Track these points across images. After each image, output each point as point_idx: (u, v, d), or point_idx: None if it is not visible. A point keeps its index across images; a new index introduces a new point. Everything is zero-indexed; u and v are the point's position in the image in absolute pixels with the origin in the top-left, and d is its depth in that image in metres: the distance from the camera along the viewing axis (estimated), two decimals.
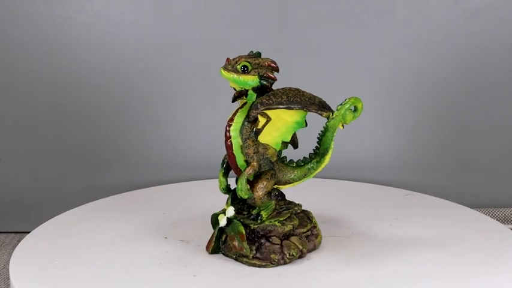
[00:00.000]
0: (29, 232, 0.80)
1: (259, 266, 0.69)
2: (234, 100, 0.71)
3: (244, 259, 0.70)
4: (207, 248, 0.73)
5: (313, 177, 0.74)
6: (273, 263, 0.69)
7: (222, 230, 0.72)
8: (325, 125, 0.71)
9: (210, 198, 0.86)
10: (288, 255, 0.69)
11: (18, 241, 1.04)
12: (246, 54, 0.70)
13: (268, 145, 0.70)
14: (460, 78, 1.06)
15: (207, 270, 0.68)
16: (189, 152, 1.08)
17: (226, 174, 0.73)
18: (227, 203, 0.74)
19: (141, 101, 1.07)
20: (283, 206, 0.74)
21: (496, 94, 1.06)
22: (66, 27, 1.04)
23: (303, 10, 1.04)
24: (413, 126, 1.08)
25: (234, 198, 0.73)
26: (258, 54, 0.70)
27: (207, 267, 0.69)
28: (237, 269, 0.69)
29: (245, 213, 0.72)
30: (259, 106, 0.67)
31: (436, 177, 1.09)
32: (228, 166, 0.72)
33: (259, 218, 0.71)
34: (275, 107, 0.67)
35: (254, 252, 0.69)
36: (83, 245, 0.75)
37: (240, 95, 0.71)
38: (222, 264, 0.70)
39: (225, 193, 0.74)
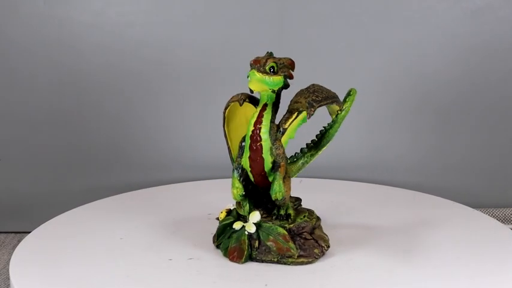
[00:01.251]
0: (29, 232, 0.80)
1: (307, 263, 0.69)
2: (242, 103, 0.71)
3: (290, 259, 0.69)
4: (238, 258, 0.70)
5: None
6: (316, 257, 0.70)
7: (250, 237, 0.70)
8: (334, 117, 0.73)
9: (210, 198, 0.87)
10: (325, 247, 0.71)
11: (18, 241, 1.04)
12: (253, 55, 0.70)
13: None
14: (461, 78, 1.06)
15: (227, 273, 0.68)
16: (189, 152, 1.08)
17: (242, 181, 0.71)
18: (243, 209, 0.72)
19: (141, 101, 1.07)
20: (296, 202, 0.75)
21: (496, 94, 1.06)
22: (66, 27, 1.04)
23: (303, 10, 1.04)
24: (413, 126, 1.08)
25: (258, 203, 0.72)
26: (271, 55, 0.70)
27: (212, 267, 0.69)
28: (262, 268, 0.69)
29: (274, 214, 0.71)
30: (314, 104, 0.67)
31: (437, 177, 1.09)
32: (243, 171, 0.70)
33: (290, 217, 0.71)
34: (325, 103, 0.68)
35: (298, 250, 0.69)
36: (83, 245, 0.75)
37: (250, 98, 0.71)
38: (227, 264, 0.70)
39: (240, 200, 0.72)
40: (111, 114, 1.07)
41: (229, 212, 0.74)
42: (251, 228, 0.70)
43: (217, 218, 0.76)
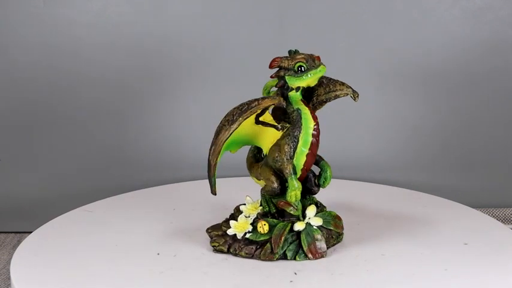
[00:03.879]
0: (29, 232, 0.80)
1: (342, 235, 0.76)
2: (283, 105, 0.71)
3: (340, 237, 0.75)
4: (321, 252, 0.71)
5: None
6: (343, 229, 0.76)
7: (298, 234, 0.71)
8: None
9: (210, 198, 0.86)
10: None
11: (18, 241, 1.04)
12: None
13: None
14: (461, 78, 1.06)
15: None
16: (189, 152, 1.08)
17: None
18: (298, 208, 0.71)
19: (141, 101, 1.07)
20: None
21: (497, 94, 1.06)
22: (66, 27, 1.04)
23: (303, 10, 1.04)
24: (413, 126, 1.08)
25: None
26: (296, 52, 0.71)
27: (220, 269, 0.69)
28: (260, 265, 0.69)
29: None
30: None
31: (437, 176, 1.09)
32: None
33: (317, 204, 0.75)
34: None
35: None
36: (84, 246, 0.75)
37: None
38: (235, 263, 0.70)
39: (298, 200, 0.71)
40: (111, 114, 1.07)
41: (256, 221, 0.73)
42: (319, 221, 0.72)
43: (227, 220, 0.76)
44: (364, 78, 1.06)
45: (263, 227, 0.71)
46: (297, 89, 0.70)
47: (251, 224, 0.72)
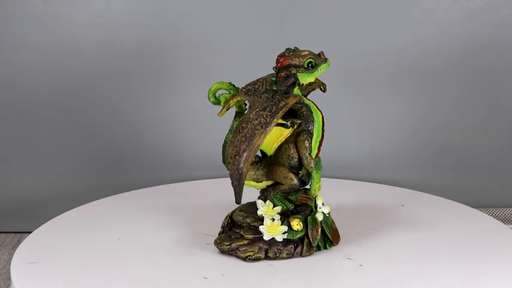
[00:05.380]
0: (29, 232, 0.80)
1: None
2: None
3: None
4: (339, 237, 0.74)
5: None
6: None
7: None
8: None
9: (211, 198, 0.87)
10: None
11: (18, 241, 1.04)
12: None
13: None
14: (461, 77, 1.06)
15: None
16: (189, 152, 1.08)
17: None
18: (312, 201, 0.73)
19: (141, 101, 1.07)
20: None
21: (497, 94, 1.06)
22: (66, 27, 1.04)
23: (303, 10, 1.04)
24: (414, 126, 1.08)
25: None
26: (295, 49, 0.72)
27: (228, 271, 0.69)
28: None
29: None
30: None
31: (437, 176, 1.09)
32: None
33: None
34: None
35: None
36: (84, 245, 0.75)
37: None
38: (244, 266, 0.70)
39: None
40: (111, 113, 1.07)
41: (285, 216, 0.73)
42: (328, 209, 0.74)
43: (231, 229, 0.75)
44: (364, 78, 1.06)
45: (300, 224, 0.71)
46: (300, 85, 0.70)
47: (282, 224, 0.71)
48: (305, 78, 0.70)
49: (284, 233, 0.70)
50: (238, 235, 0.72)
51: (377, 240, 0.76)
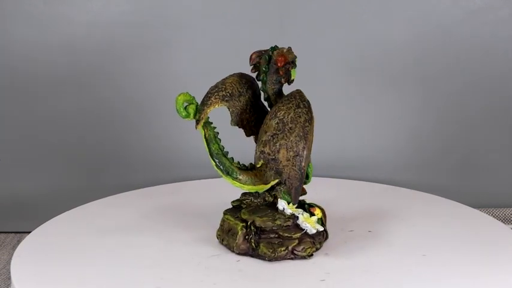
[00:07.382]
0: (29, 232, 0.80)
1: None
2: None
3: None
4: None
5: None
6: None
7: None
8: None
9: (211, 198, 0.87)
10: None
11: (18, 241, 1.04)
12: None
13: None
14: (461, 78, 1.06)
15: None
16: (189, 152, 1.08)
17: None
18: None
19: (141, 101, 1.07)
20: None
21: (497, 94, 1.06)
22: (66, 27, 1.04)
23: (303, 10, 1.04)
24: (414, 126, 1.08)
25: None
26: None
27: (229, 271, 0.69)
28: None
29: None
30: None
31: (437, 176, 1.09)
32: None
33: None
34: None
35: None
36: (83, 245, 0.75)
37: None
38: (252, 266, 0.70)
39: None
40: (111, 113, 1.07)
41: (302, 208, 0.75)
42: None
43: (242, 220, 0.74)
44: (364, 78, 1.06)
45: (320, 212, 0.74)
46: (291, 81, 0.73)
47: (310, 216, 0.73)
48: (294, 74, 0.72)
49: (318, 224, 0.72)
50: (279, 239, 0.71)
51: (377, 240, 0.76)
